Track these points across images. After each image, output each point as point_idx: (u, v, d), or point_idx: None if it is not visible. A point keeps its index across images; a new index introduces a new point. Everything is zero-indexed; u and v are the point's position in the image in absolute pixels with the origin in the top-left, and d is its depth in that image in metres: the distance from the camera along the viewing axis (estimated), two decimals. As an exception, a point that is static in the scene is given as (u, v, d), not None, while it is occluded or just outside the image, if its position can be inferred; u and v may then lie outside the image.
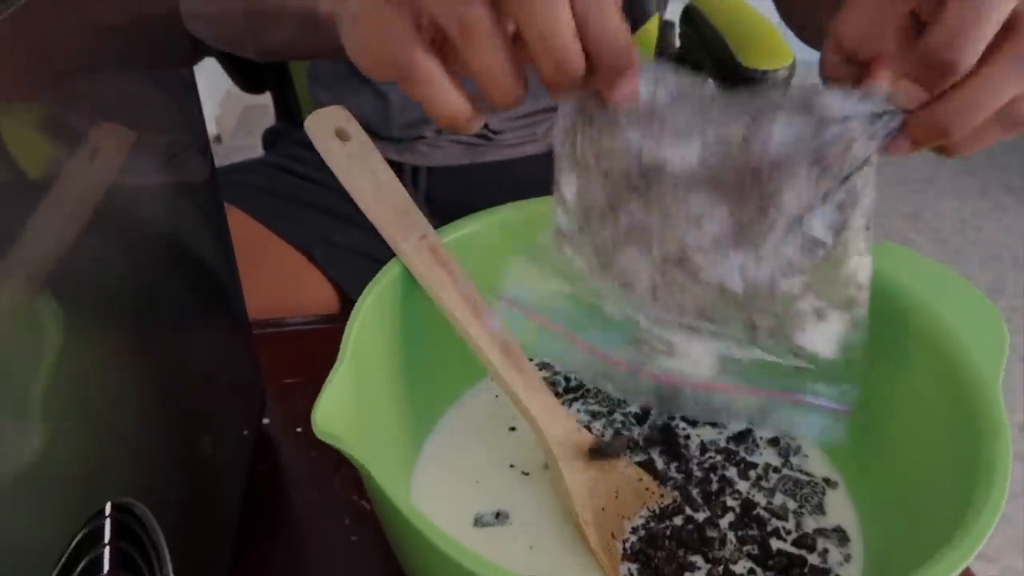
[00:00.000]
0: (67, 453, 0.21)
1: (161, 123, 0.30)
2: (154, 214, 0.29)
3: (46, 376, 0.20)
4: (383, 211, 0.35)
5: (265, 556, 0.38)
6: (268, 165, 0.73)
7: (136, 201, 0.27)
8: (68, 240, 0.22)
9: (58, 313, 0.20)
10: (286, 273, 0.67)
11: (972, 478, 0.28)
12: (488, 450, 0.38)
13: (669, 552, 0.33)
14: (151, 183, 0.28)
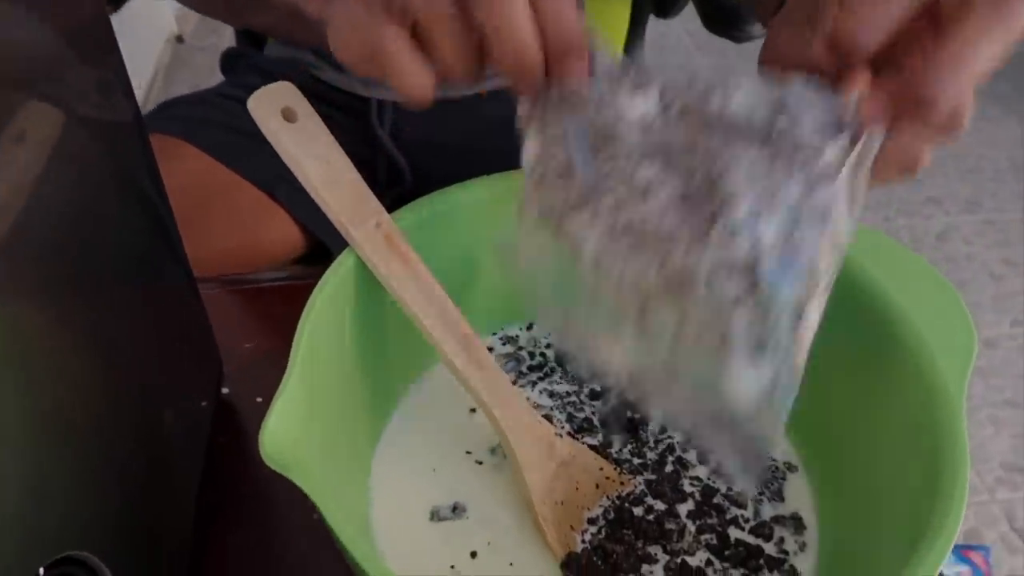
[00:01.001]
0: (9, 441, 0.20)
1: (73, 71, 0.27)
2: (73, 173, 0.27)
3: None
4: (334, 197, 0.33)
5: (227, 532, 0.38)
6: (225, 97, 0.69)
7: (49, 161, 0.25)
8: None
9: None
10: (247, 214, 0.64)
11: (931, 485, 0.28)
12: (446, 435, 0.37)
13: (628, 545, 0.33)
14: (63, 136, 0.26)
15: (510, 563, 0.33)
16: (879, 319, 0.33)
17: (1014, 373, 1.30)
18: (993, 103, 1.96)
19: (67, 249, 0.26)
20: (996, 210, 1.67)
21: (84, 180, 0.27)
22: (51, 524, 0.23)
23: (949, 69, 0.23)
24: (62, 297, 0.25)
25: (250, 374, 0.45)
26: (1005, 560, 1.05)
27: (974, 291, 1.46)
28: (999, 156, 1.81)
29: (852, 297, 0.34)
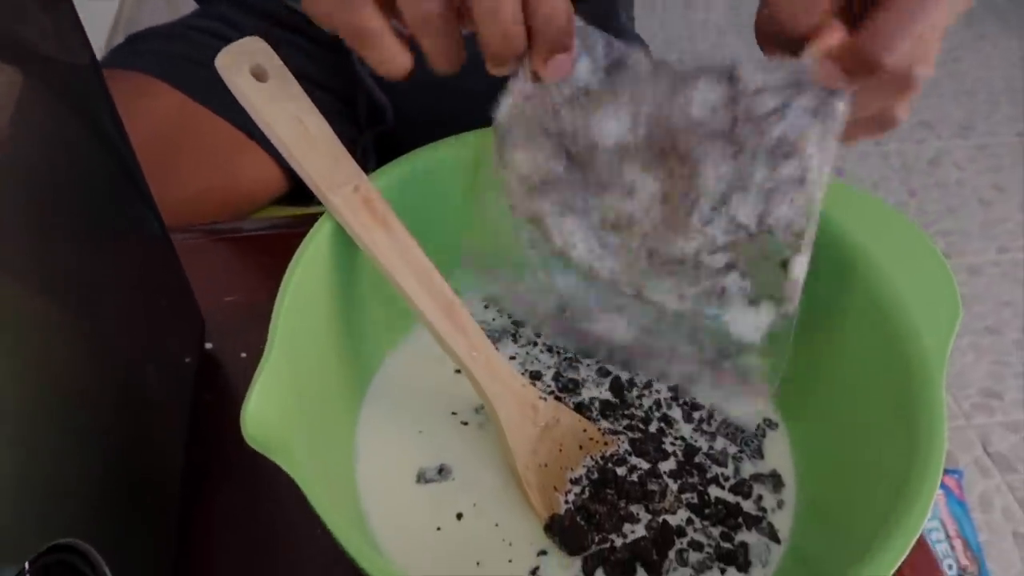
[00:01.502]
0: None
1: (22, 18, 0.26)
2: (30, 122, 0.26)
3: None
4: (309, 160, 0.32)
5: (215, 492, 0.38)
6: (198, 30, 0.66)
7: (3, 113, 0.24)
8: None
9: None
10: (225, 153, 0.63)
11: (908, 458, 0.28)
12: (431, 397, 0.37)
13: (611, 505, 0.33)
14: (15, 87, 0.25)
15: (496, 524, 0.33)
16: (864, 285, 0.33)
17: (997, 301, 1.31)
18: (992, 19, 1.91)
19: (31, 202, 0.25)
20: (989, 134, 1.65)
21: (42, 130, 0.26)
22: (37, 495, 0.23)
23: (890, 34, 0.24)
24: (30, 251, 0.24)
25: (233, 328, 0.45)
26: (978, 483, 1.09)
27: (964, 217, 1.46)
28: (995, 77, 1.78)
29: (839, 262, 0.33)
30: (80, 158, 0.30)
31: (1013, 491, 1.08)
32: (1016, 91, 1.74)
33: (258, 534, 0.37)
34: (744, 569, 0.32)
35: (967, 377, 1.21)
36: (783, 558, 0.33)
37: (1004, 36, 1.88)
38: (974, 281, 1.34)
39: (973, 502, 1.07)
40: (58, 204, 0.27)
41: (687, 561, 0.32)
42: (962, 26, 1.91)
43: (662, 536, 0.33)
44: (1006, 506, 1.07)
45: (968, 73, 1.78)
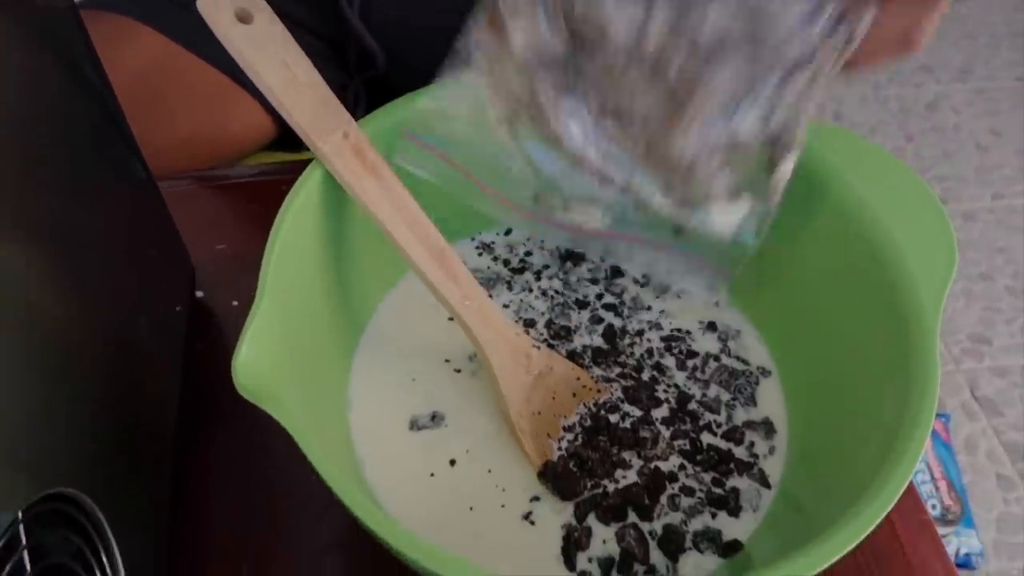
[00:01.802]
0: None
1: None
2: (2, 70, 0.25)
3: None
4: (297, 107, 0.31)
5: (209, 441, 0.38)
6: (178, -32, 0.63)
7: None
8: None
9: None
10: (211, 99, 0.61)
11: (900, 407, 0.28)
12: (424, 343, 0.37)
13: (603, 451, 0.34)
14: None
15: (488, 470, 0.33)
16: (860, 232, 0.32)
17: (990, 247, 1.31)
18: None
19: (10, 149, 0.24)
20: (987, 78, 1.63)
21: (20, 75, 0.26)
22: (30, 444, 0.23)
23: None
24: (12, 200, 0.24)
25: (224, 276, 0.45)
26: (964, 426, 1.11)
27: (960, 162, 1.46)
28: (997, 21, 1.75)
29: (836, 208, 0.33)
30: (60, 104, 0.29)
31: (998, 434, 1.10)
32: (1017, 35, 1.71)
33: (252, 482, 0.37)
34: (735, 514, 0.33)
35: (958, 323, 1.22)
36: (773, 503, 0.33)
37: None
38: (968, 227, 1.34)
39: (959, 445, 1.09)
40: (40, 151, 0.26)
41: (679, 506, 0.33)
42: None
43: (654, 482, 0.33)
44: (990, 449, 1.09)
45: (969, 16, 1.75)
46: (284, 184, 0.49)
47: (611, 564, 0.31)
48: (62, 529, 0.24)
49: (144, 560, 0.29)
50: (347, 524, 0.36)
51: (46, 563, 0.22)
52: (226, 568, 0.34)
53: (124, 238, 0.34)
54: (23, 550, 0.21)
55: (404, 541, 0.23)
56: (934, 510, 0.99)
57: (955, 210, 1.36)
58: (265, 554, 0.35)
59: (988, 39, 1.70)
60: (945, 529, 0.98)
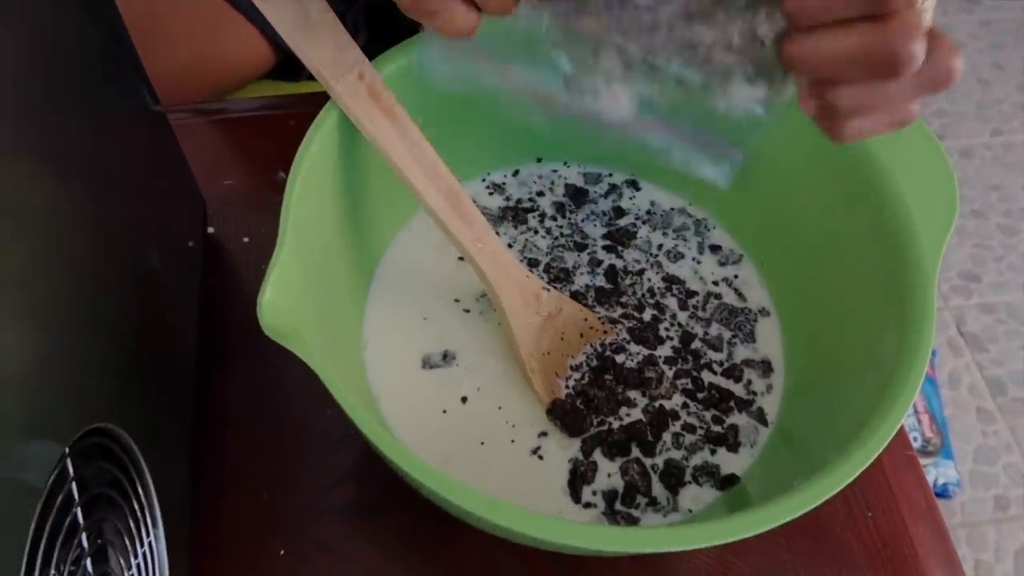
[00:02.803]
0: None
1: None
2: (15, 11, 0.24)
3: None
4: (312, 46, 0.31)
5: (224, 377, 0.40)
6: None
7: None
8: None
9: None
10: (209, 26, 0.60)
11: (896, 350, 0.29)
12: (435, 283, 0.38)
13: (609, 390, 0.35)
14: None
15: (499, 407, 0.35)
16: (862, 176, 0.33)
17: (986, 184, 1.32)
18: None
19: (27, 78, 0.24)
20: (994, 8, 1.60)
21: (40, 6, 0.25)
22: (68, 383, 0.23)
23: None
24: (31, 130, 0.24)
25: (233, 212, 0.45)
26: (949, 361, 1.14)
27: (960, 98, 1.44)
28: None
29: (841, 152, 0.34)
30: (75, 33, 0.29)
31: (981, 369, 1.13)
32: (1027, -36, 1.67)
33: (266, 415, 0.38)
34: (733, 449, 0.34)
35: (948, 260, 1.23)
36: (770, 439, 0.35)
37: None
38: (965, 164, 1.34)
39: (942, 379, 1.12)
40: (54, 79, 0.26)
41: (681, 444, 0.34)
42: None
43: (657, 419, 0.34)
44: (972, 383, 1.12)
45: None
46: (288, 119, 0.49)
47: (615, 496, 0.33)
48: (100, 461, 0.25)
49: (173, 488, 0.31)
50: (358, 457, 0.38)
51: (90, 494, 0.23)
52: (247, 496, 0.36)
53: (138, 169, 0.34)
54: (71, 482, 0.22)
55: (420, 470, 0.24)
56: (915, 442, 1.02)
57: (952, 146, 1.36)
58: (282, 484, 0.37)
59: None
60: (925, 460, 1.02)
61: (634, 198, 0.42)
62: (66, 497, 0.22)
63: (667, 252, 0.40)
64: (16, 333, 0.21)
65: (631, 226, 0.41)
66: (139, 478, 0.27)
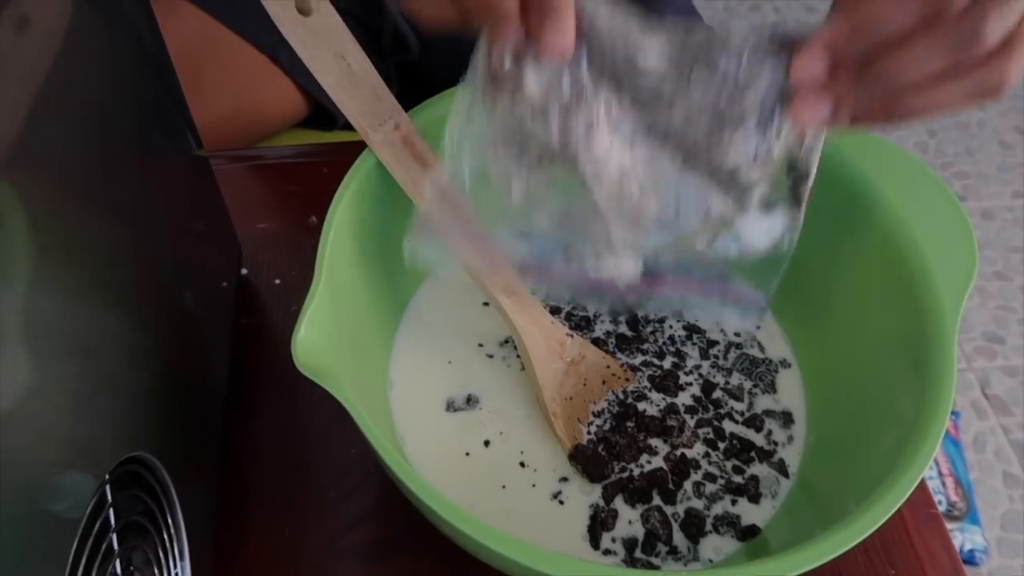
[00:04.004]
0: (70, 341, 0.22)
1: None
2: (80, 48, 0.26)
3: (26, 267, 0.20)
4: (352, 97, 0.32)
5: (253, 416, 0.40)
6: (220, -52, 0.65)
7: (52, 41, 0.24)
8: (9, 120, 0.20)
9: (10, 195, 0.20)
10: (248, 77, 0.63)
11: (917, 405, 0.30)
12: (460, 328, 0.39)
13: (631, 437, 0.35)
14: (64, 14, 0.25)
15: (520, 451, 0.35)
16: (882, 230, 0.34)
17: (1007, 246, 1.32)
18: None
19: (89, 124, 0.25)
20: (1015, 75, 1.62)
21: (96, 54, 0.27)
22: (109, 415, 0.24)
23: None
24: (90, 173, 0.25)
25: (266, 255, 0.47)
26: (974, 424, 1.12)
27: (981, 160, 1.45)
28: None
29: (858, 207, 0.34)
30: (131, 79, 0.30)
31: (1007, 433, 1.11)
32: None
33: (291, 453, 0.39)
34: (755, 500, 0.34)
35: (971, 321, 1.22)
36: (791, 491, 0.35)
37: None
38: (986, 225, 1.34)
39: (967, 442, 1.10)
40: (110, 124, 0.28)
41: (702, 493, 0.34)
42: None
43: (679, 468, 0.35)
44: (999, 447, 1.10)
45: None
46: (323, 166, 0.51)
47: (635, 543, 0.33)
48: (134, 489, 0.26)
49: (200, 520, 0.31)
50: (378, 498, 0.38)
51: (124, 521, 0.24)
52: (270, 530, 0.36)
53: (181, 211, 0.35)
54: (108, 508, 0.23)
55: (446, 508, 0.25)
56: (940, 505, 1.00)
57: (974, 207, 1.36)
58: (304, 521, 0.37)
59: (1017, 35, 1.69)
60: (950, 524, 1.00)
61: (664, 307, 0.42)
62: (103, 523, 0.22)
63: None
64: (63, 365, 0.22)
65: (654, 276, 0.42)
66: (169, 508, 0.28)
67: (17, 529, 0.19)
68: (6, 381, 0.18)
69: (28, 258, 0.20)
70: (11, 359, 0.19)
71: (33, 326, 0.20)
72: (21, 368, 0.19)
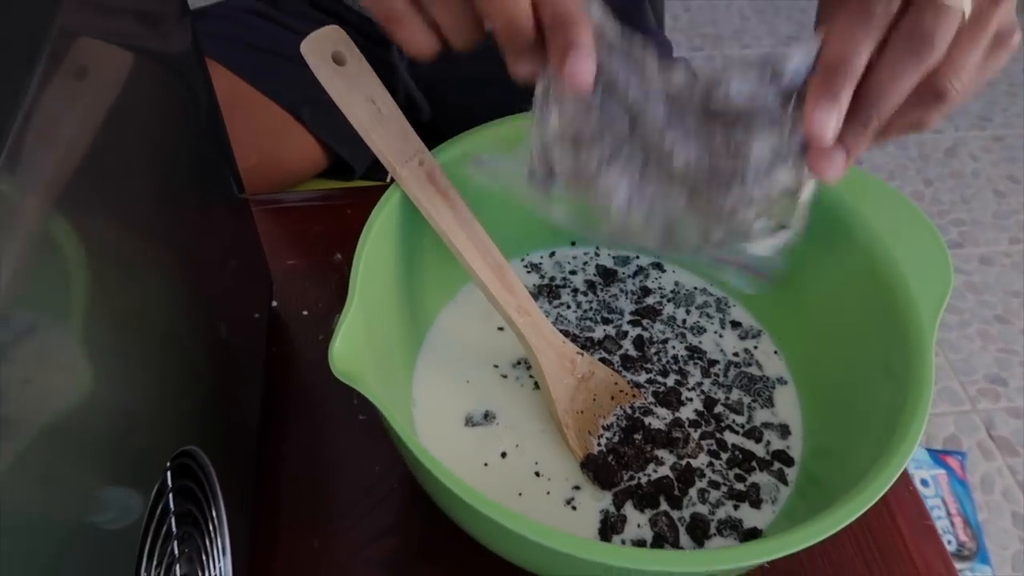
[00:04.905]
0: (122, 370, 0.24)
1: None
2: (141, 100, 0.29)
3: (82, 300, 0.21)
4: (381, 137, 0.36)
5: (283, 437, 0.43)
6: (246, 12, 0.70)
7: (122, 93, 0.27)
8: (68, 157, 0.22)
9: (73, 233, 0.21)
10: (272, 132, 0.67)
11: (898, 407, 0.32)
12: (476, 351, 0.42)
13: (638, 448, 0.38)
14: (131, 68, 0.28)
15: (536, 462, 0.38)
16: (867, 259, 0.37)
17: (1007, 290, 1.34)
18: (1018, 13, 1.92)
19: (152, 170, 0.28)
20: (1006, 126, 1.67)
21: (151, 103, 0.30)
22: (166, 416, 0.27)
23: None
24: (151, 215, 0.28)
25: (294, 289, 0.50)
26: (980, 465, 1.13)
27: (977, 208, 1.49)
28: (1015, 68, 1.79)
29: (845, 239, 0.37)
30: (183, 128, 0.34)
31: (1014, 474, 1.11)
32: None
33: (319, 470, 0.42)
34: (756, 505, 0.37)
35: (974, 363, 1.24)
36: (790, 497, 0.37)
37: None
38: (985, 270, 1.37)
39: (975, 483, 1.11)
40: (165, 169, 0.31)
41: (706, 499, 0.37)
42: (984, 18, 1.92)
43: (684, 476, 0.37)
44: (1006, 488, 1.10)
45: (988, 65, 1.79)
46: (347, 208, 0.55)
47: (643, 545, 0.35)
48: (184, 479, 0.28)
49: (237, 531, 0.34)
50: (401, 511, 0.40)
51: (181, 508, 0.27)
52: (301, 542, 0.38)
53: (223, 248, 0.39)
54: (169, 492, 0.25)
55: (476, 498, 0.27)
56: (950, 545, 1.01)
57: (972, 253, 1.39)
58: (332, 533, 0.39)
59: (1007, 87, 1.75)
60: (960, 564, 1.00)
61: (659, 279, 0.46)
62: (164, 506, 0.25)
63: (691, 327, 0.44)
64: (113, 386, 0.24)
65: (657, 304, 0.45)
66: (212, 497, 0.30)
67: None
68: (69, 390, 0.20)
69: (84, 286, 0.21)
70: (73, 375, 0.21)
71: (89, 348, 0.21)
72: (84, 383, 0.21)
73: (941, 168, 1.57)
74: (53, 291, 0.20)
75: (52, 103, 0.20)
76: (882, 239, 0.36)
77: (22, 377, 0.18)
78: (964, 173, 1.56)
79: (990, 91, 1.74)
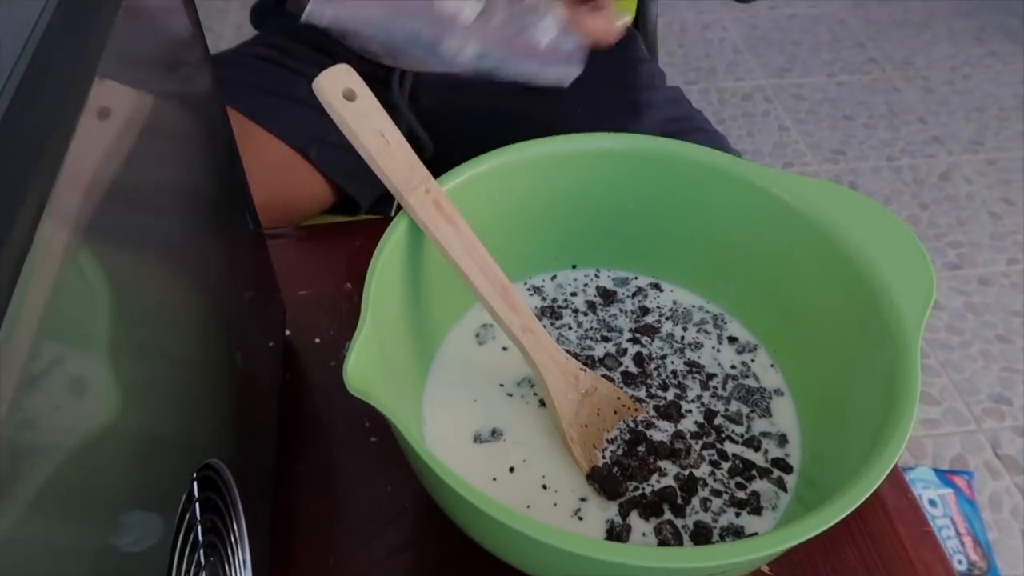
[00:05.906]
0: (146, 398, 0.25)
1: (160, 42, 0.31)
2: (165, 139, 0.30)
3: (109, 330, 0.22)
4: (389, 167, 0.38)
5: (297, 458, 0.44)
6: (255, 58, 0.73)
7: (150, 134, 0.28)
8: (99, 193, 0.23)
9: (101, 267, 0.22)
10: (281, 171, 0.69)
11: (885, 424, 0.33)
12: (482, 371, 0.43)
13: (642, 460, 0.39)
14: (158, 113, 0.29)
15: (543, 475, 0.39)
16: (854, 272, 0.38)
17: (1007, 310, 1.35)
18: (1001, 37, 1.97)
19: (159, 199, 0.29)
20: (998, 149, 1.70)
21: (172, 141, 0.31)
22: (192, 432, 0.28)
23: None
24: (161, 247, 0.29)
25: (306, 318, 0.52)
26: (987, 484, 1.13)
27: (974, 230, 1.51)
28: (1004, 94, 1.83)
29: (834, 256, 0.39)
30: (203, 164, 0.36)
31: (1022, 492, 1.12)
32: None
33: (332, 490, 0.43)
34: (757, 512, 0.38)
35: (977, 383, 1.25)
36: (790, 504, 0.38)
37: (1013, 54, 1.93)
38: (984, 291, 1.38)
39: (983, 502, 1.11)
40: (186, 203, 0.33)
41: (708, 507, 0.38)
42: (973, 44, 1.97)
43: (687, 485, 0.38)
44: (1015, 506, 1.10)
45: (978, 89, 1.83)
46: (356, 240, 0.57)
47: (650, 553, 0.36)
48: (208, 492, 0.30)
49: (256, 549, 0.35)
50: (412, 530, 0.41)
51: (206, 520, 0.28)
52: (315, 561, 0.40)
53: (240, 280, 0.41)
54: (195, 503, 0.27)
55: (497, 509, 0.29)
56: (960, 564, 1.01)
57: (971, 274, 1.41)
58: (346, 551, 0.40)
59: (998, 111, 1.78)
60: (972, 584, 1.00)
61: (658, 298, 0.48)
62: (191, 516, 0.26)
63: (689, 343, 0.45)
64: (137, 411, 0.25)
65: (655, 322, 0.46)
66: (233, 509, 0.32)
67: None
68: (103, 413, 0.22)
69: (110, 317, 0.22)
70: (101, 401, 0.21)
71: (116, 376, 0.22)
72: (112, 408, 0.22)
73: (936, 192, 1.59)
74: (82, 321, 0.21)
75: (88, 144, 0.22)
76: (867, 252, 0.38)
77: (53, 405, 0.18)
78: (959, 196, 1.58)
79: (981, 116, 1.77)
